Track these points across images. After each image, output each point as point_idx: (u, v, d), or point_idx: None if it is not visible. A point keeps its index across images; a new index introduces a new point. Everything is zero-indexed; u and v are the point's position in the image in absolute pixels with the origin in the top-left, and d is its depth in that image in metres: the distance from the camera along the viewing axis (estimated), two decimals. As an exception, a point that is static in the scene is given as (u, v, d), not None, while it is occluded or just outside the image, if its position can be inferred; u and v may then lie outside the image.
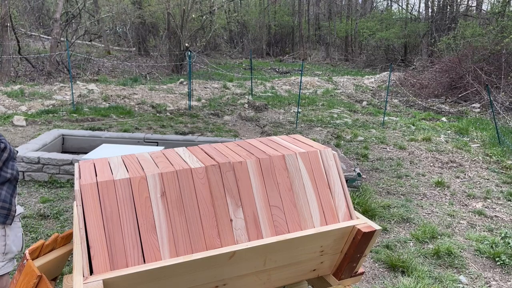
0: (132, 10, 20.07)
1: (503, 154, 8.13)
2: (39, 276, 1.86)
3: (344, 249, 2.18)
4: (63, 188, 5.74)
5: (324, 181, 2.21)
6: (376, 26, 24.21)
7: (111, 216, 1.79)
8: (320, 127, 10.03)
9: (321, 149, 2.29)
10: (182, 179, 1.95)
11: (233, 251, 1.86)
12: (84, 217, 1.76)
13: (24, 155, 5.89)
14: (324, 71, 21.25)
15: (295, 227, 2.07)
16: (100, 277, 1.67)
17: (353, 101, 14.05)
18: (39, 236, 4.48)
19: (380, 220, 5.21)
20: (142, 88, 13.51)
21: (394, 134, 9.66)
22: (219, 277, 1.93)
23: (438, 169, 7.36)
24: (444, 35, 19.28)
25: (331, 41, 28.25)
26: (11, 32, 14.86)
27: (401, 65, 22.18)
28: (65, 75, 14.87)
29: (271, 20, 29.14)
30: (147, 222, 1.83)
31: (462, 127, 10.18)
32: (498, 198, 6.18)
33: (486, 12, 21.74)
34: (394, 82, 16.14)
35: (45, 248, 2.14)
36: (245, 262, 1.95)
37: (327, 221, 2.14)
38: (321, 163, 2.24)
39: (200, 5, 21.53)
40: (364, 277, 3.99)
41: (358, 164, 7.30)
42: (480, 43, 15.36)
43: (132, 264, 1.75)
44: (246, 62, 23.11)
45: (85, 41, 21.89)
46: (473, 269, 4.28)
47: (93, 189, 1.82)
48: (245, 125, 10.09)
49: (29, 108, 10.41)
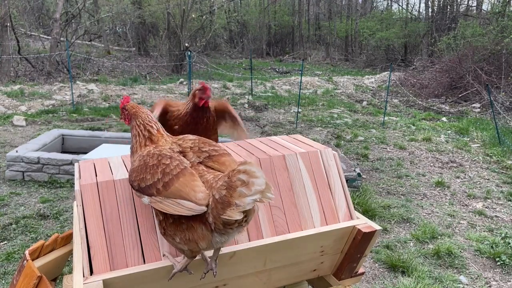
0: (132, 10, 20.06)
1: (503, 154, 8.12)
2: (39, 277, 1.86)
3: (345, 249, 2.18)
4: (63, 188, 5.74)
5: (325, 181, 2.21)
6: (376, 26, 24.20)
7: (111, 216, 1.79)
8: (320, 127, 10.03)
9: (322, 149, 2.28)
10: (182, 179, 1.95)
11: (233, 251, 1.86)
12: (84, 217, 1.76)
13: (24, 155, 5.89)
14: (324, 71, 21.25)
15: (295, 227, 2.06)
16: (100, 277, 1.66)
17: (353, 101, 14.05)
18: (39, 236, 4.47)
19: (380, 220, 5.21)
20: (142, 88, 13.51)
21: (394, 134, 9.66)
22: (219, 277, 1.93)
23: (438, 169, 7.36)
24: (444, 35, 19.27)
25: (331, 41, 28.25)
26: (11, 32, 14.86)
27: (401, 65, 22.17)
28: (65, 75, 14.86)
29: (271, 20, 29.13)
30: (147, 222, 1.82)
31: (462, 127, 10.17)
32: (499, 198, 6.18)
33: (486, 12, 21.74)
34: (394, 82, 16.15)
35: (45, 249, 2.14)
36: (246, 262, 1.94)
37: (327, 221, 2.14)
38: (321, 163, 2.24)
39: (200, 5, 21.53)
40: (364, 277, 3.99)
41: (358, 164, 7.30)
42: (480, 43, 15.35)
43: (132, 264, 1.75)
44: (246, 62, 23.10)
45: (85, 41, 21.89)
46: (473, 269, 4.27)
47: (93, 189, 1.82)
48: (245, 125, 10.08)
49: (29, 108, 10.41)
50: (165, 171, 1.54)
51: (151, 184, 1.54)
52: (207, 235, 1.51)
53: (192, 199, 1.46)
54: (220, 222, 1.45)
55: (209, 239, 1.52)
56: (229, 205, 1.40)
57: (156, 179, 1.53)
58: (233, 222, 1.44)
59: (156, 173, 1.55)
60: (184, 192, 1.48)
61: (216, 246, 1.59)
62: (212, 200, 1.46)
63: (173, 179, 1.52)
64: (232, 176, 1.41)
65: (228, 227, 1.47)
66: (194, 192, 1.48)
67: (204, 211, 1.46)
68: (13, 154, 5.94)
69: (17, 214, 4.94)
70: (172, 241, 1.59)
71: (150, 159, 1.62)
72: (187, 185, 1.50)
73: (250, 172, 1.38)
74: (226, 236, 1.53)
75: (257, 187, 1.36)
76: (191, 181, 1.52)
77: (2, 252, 4.16)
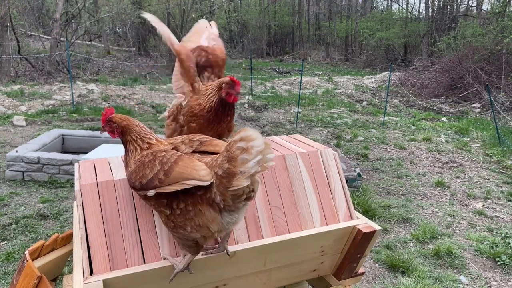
0: (132, 10, 20.06)
1: (503, 154, 8.12)
2: (39, 277, 1.86)
3: (345, 249, 2.18)
4: (63, 188, 5.74)
5: (325, 181, 2.21)
6: (376, 26, 24.20)
7: (111, 216, 1.79)
8: (320, 127, 10.03)
9: (322, 149, 2.28)
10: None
11: (233, 251, 1.86)
12: (84, 217, 1.76)
13: (24, 155, 5.89)
14: (324, 71, 21.24)
15: (296, 227, 2.06)
16: (100, 277, 1.66)
17: (353, 101, 14.05)
18: (39, 236, 4.47)
19: (380, 220, 5.21)
20: (142, 88, 13.50)
21: (394, 134, 9.65)
22: (219, 277, 1.93)
23: (438, 169, 7.36)
24: (444, 35, 19.27)
25: (331, 41, 28.25)
26: (11, 32, 14.87)
27: (401, 65, 22.17)
28: (65, 75, 14.86)
29: (271, 20, 29.13)
30: (147, 222, 1.82)
31: (462, 127, 10.17)
32: (499, 198, 6.18)
33: (486, 12, 21.74)
34: (394, 82, 16.15)
35: (45, 249, 2.14)
36: (246, 262, 1.94)
37: (327, 221, 2.14)
38: (322, 163, 2.24)
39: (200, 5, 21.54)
40: (364, 277, 3.99)
41: (358, 164, 7.30)
42: (480, 43, 15.35)
43: (132, 264, 1.75)
44: (246, 62, 23.10)
45: (85, 41, 21.89)
46: (473, 269, 4.27)
47: (93, 189, 1.82)
48: (245, 125, 10.08)
49: (29, 108, 10.41)
50: (162, 161, 1.57)
51: (152, 177, 1.55)
52: (216, 217, 1.54)
53: (196, 177, 1.49)
54: (229, 197, 1.49)
55: (219, 221, 1.56)
56: (234, 175, 1.45)
57: (156, 171, 1.55)
58: (241, 194, 1.48)
59: (155, 166, 1.57)
60: (186, 173, 1.51)
61: (227, 227, 1.61)
62: (215, 178, 1.49)
63: (172, 165, 1.54)
64: (231, 148, 1.45)
65: (237, 201, 1.52)
66: (196, 171, 1.51)
67: (209, 183, 1.49)
68: (13, 154, 5.94)
69: (17, 214, 4.94)
70: (183, 232, 1.60)
71: (145, 157, 1.64)
72: (188, 166, 1.53)
73: (246, 137, 1.43)
74: (235, 214, 1.57)
75: (257, 148, 1.41)
76: (191, 163, 1.55)
77: (2, 252, 4.16)
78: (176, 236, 1.67)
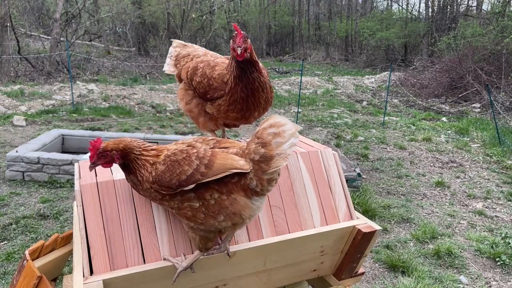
0: (132, 10, 20.08)
1: (503, 154, 8.12)
2: (39, 277, 1.86)
3: (345, 249, 2.18)
4: (63, 188, 5.74)
5: (325, 181, 2.20)
6: (376, 26, 24.22)
7: (111, 216, 1.79)
8: (320, 127, 10.03)
9: (322, 149, 2.28)
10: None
11: (233, 251, 1.86)
12: (84, 217, 1.76)
13: (24, 155, 5.89)
14: (324, 71, 21.25)
15: (296, 227, 2.06)
16: (100, 277, 1.66)
17: (353, 101, 14.05)
18: (39, 236, 4.47)
19: (380, 220, 5.21)
20: (142, 88, 13.50)
21: (394, 134, 9.65)
22: (219, 277, 1.93)
23: (438, 169, 7.36)
24: (445, 35, 19.28)
25: (331, 41, 28.26)
26: (11, 32, 14.87)
27: (401, 65, 22.18)
28: (65, 75, 14.87)
29: (271, 20, 29.16)
30: (147, 222, 1.82)
31: (462, 127, 10.17)
32: (499, 198, 6.18)
33: (486, 12, 21.75)
34: (394, 82, 16.15)
35: (45, 249, 2.14)
36: (246, 262, 1.94)
37: (327, 221, 2.14)
38: (322, 163, 2.24)
39: (200, 5, 21.55)
40: (364, 277, 3.99)
41: (358, 164, 7.30)
42: (480, 43, 15.36)
43: (132, 264, 1.75)
44: (246, 62, 23.07)
45: (85, 41, 21.90)
46: (474, 269, 4.27)
47: (93, 189, 1.82)
48: (245, 125, 10.08)
49: (29, 108, 10.41)
50: (199, 156, 1.61)
51: (192, 172, 1.58)
52: (247, 203, 1.64)
53: (238, 167, 1.58)
54: (265, 181, 1.61)
55: (250, 206, 1.65)
56: (272, 158, 1.57)
57: (196, 165, 1.58)
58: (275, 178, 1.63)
59: (192, 161, 1.60)
60: (228, 164, 1.58)
61: (257, 212, 1.70)
62: (252, 164, 1.60)
63: (211, 159, 1.60)
64: (261, 135, 1.58)
65: (270, 185, 1.64)
66: (236, 162, 1.59)
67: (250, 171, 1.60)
68: (13, 154, 5.94)
69: (17, 214, 4.94)
70: (213, 222, 1.63)
71: (177, 156, 1.63)
72: (227, 158, 1.60)
73: (275, 123, 1.58)
74: (262, 199, 1.68)
75: (289, 132, 1.57)
76: (227, 155, 1.62)
77: (2, 252, 4.16)
78: (198, 230, 1.67)
